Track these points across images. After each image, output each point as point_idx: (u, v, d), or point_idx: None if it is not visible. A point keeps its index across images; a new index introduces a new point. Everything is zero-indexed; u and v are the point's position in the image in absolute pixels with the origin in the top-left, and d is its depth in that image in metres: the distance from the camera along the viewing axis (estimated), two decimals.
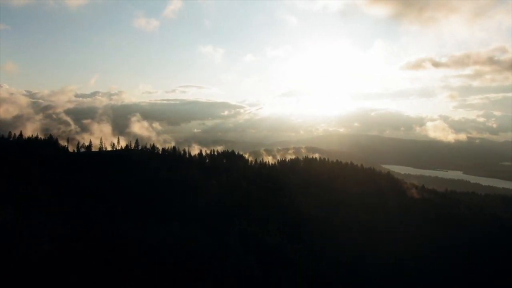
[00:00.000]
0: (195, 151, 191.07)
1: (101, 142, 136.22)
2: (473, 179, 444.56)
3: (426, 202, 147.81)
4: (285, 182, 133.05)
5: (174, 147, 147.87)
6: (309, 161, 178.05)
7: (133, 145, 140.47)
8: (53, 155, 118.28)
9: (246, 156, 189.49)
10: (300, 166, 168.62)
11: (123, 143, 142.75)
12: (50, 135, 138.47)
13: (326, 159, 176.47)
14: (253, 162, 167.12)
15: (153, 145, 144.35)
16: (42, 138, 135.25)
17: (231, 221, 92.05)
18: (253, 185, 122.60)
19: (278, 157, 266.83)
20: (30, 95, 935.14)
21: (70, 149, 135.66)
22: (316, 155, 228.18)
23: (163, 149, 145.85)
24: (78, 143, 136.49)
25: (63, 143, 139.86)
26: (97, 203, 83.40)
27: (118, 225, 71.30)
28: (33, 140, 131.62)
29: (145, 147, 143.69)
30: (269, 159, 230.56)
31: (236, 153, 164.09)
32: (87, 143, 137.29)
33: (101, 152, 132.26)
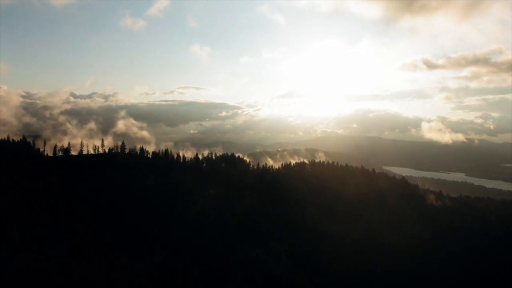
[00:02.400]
0: (191, 153, 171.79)
1: (81, 145, 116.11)
2: (476, 181, 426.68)
3: (452, 211, 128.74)
4: (293, 191, 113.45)
5: (166, 150, 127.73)
6: (316, 165, 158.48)
7: (119, 148, 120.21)
8: (22, 159, 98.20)
9: (247, 159, 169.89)
10: (307, 171, 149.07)
11: (111, 145, 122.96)
12: (24, 137, 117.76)
13: (335, 163, 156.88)
14: (255, 166, 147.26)
15: (142, 147, 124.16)
16: (14, 140, 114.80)
17: (231, 244, 72.43)
18: (256, 194, 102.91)
19: (282, 161, 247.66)
20: (29, 96, 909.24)
21: (48, 152, 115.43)
22: (322, 158, 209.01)
23: (153, 152, 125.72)
24: (56, 146, 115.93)
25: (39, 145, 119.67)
26: (59, 224, 63.53)
27: (79, 260, 51.76)
28: (2, 143, 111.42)
29: (133, 149, 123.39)
30: (272, 163, 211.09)
31: (237, 156, 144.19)
32: (74, 146, 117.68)
33: (81, 156, 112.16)
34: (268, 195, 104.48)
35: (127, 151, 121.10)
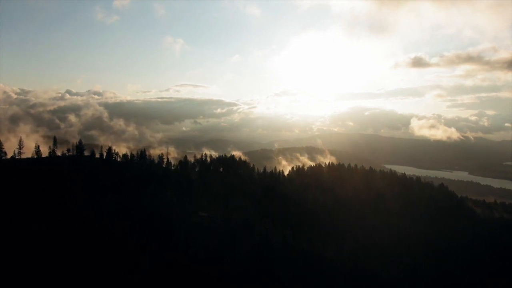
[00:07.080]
0: (180, 155, 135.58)
1: (19, 145, 78.83)
2: (481, 180, 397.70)
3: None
4: (316, 209, 77.57)
5: (142, 151, 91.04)
6: (333, 169, 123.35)
7: (73, 149, 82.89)
8: None
9: (247, 159, 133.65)
10: (325, 178, 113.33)
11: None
12: None
13: (361, 166, 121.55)
14: (261, 170, 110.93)
15: (110, 148, 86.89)
16: None
17: None
18: (268, 218, 66.87)
19: (284, 161, 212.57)
20: (24, 93, 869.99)
21: None
22: (332, 159, 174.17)
23: (124, 155, 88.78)
24: None
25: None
26: None
27: None
28: None
29: (99, 152, 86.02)
30: (274, 164, 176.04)
31: (237, 159, 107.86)
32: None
33: (13, 160, 75.12)
34: (286, 218, 68.53)
35: (87, 153, 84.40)
